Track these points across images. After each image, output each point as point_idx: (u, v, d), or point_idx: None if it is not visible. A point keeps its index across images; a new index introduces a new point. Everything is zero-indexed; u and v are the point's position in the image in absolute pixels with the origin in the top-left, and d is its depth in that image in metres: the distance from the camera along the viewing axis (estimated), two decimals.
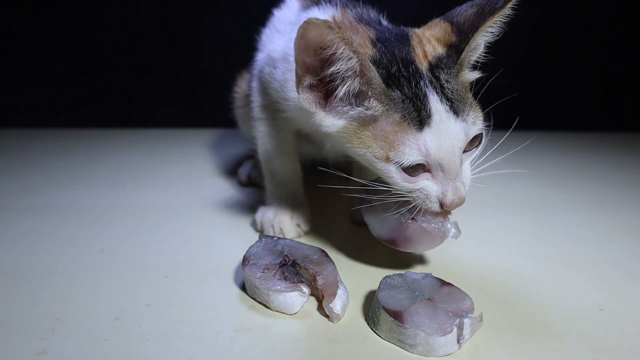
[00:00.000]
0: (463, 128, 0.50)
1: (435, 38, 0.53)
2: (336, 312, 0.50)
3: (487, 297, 0.55)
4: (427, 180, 0.51)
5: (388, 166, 0.51)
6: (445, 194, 0.51)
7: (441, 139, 0.49)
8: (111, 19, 1.55)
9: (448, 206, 0.51)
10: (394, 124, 0.50)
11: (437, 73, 0.51)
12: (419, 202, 0.53)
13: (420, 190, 0.52)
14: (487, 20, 0.50)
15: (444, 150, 0.49)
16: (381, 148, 0.50)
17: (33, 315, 0.50)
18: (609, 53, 1.70)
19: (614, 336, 0.49)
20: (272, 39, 0.73)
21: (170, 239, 0.71)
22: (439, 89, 0.50)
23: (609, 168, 1.25)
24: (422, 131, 0.49)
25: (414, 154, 0.49)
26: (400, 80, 0.50)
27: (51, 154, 1.24)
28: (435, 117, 0.49)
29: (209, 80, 1.60)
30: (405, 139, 0.49)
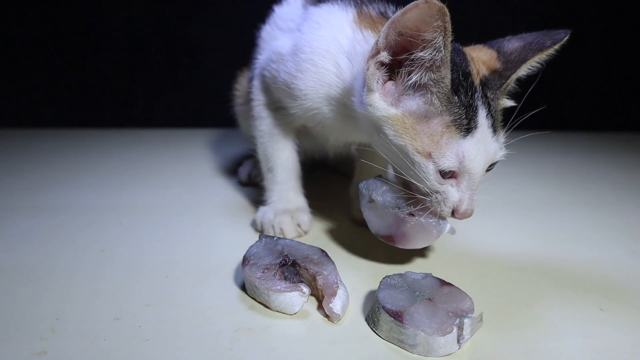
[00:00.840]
0: (495, 147, 0.53)
1: (482, 61, 0.56)
2: (336, 312, 0.50)
3: (487, 297, 0.55)
4: (451, 186, 0.53)
5: (427, 162, 0.52)
6: (461, 202, 0.53)
7: (478, 151, 0.51)
8: (111, 19, 1.55)
9: (460, 214, 0.54)
10: (443, 125, 0.51)
11: (486, 91, 0.54)
12: (434, 204, 0.54)
13: (442, 193, 0.53)
14: (535, 56, 0.55)
15: (476, 162, 0.51)
16: (425, 143, 0.52)
17: (33, 315, 0.50)
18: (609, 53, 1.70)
19: (614, 336, 0.49)
20: (274, 36, 0.73)
21: (170, 239, 0.71)
22: (487, 105, 0.53)
23: (609, 168, 1.25)
24: (465, 139, 0.51)
25: (453, 160, 0.51)
26: (460, 88, 0.52)
27: (51, 154, 1.24)
28: (479, 130, 0.51)
29: (209, 80, 1.60)
30: (449, 143, 0.51)
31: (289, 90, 0.64)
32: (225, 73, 1.01)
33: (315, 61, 0.61)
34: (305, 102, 0.63)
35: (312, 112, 0.64)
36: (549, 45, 0.55)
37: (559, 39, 0.55)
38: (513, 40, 0.58)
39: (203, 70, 1.62)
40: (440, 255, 0.67)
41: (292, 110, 0.66)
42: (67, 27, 1.53)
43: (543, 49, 0.55)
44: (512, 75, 0.55)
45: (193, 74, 1.63)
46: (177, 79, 1.63)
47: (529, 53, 0.55)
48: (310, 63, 0.61)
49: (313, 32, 0.62)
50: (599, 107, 1.76)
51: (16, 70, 1.56)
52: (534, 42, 0.56)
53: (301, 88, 0.62)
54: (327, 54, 0.60)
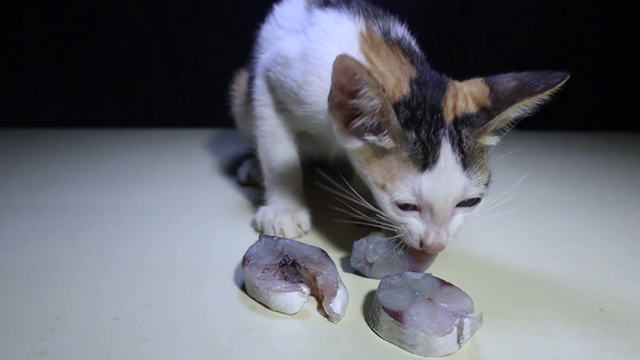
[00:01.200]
0: (464, 182, 0.51)
1: (472, 97, 0.55)
2: (336, 312, 0.50)
3: (487, 297, 0.55)
4: (414, 218, 0.54)
5: (383, 194, 0.53)
6: (427, 235, 0.53)
7: (438, 185, 0.51)
8: (111, 19, 1.55)
9: (427, 247, 0.53)
10: (400, 160, 0.52)
11: (459, 127, 0.52)
12: (402, 235, 0.55)
13: (405, 225, 0.54)
14: (524, 99, 0.52)
15: (437, 195, 0.51)
16: (381, 176, 0.53)
17: (33, 315, 0.50)
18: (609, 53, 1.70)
19: (614, 336, 0.49)
20: (277, 35, 0.73)
21: (170, 239, 0.71)
22: (457, 141, 0.52)
23: (609, 168, 1.25)
24: (422, 173, 0.51)
25: (407, 193, 0.51)
26: (422, 124, 0.52)
27: (51, 154, 1.24)
28: (440, 164, 0.51)
29: (209, 80, 1.60)
30: (405, 177, 0.52)
31: (295, 96, 0.64)
32: (225, 73, 1.01)
33: (322, 75, 0.61)
34: (310, 112, 0.64)
35: (315, 120, 0.64)
36: (540, 90, 0.51)
37: (552, 84, 0.51)
38: (509, 78, 0.55)
39: (203, 70, 1.62)
40: (440, 255, 0.67)
41: (296, 115, 0.67)
42: (67, 27, 1.53)
43: (533, 94, 0.51)
44: (497, 116, 0.52)
45: (193, 74, 1.63)
46: (177, 79, 1.63)
47: (518, 96, 0.52)
48: (317, 76, 0.61)
49: (321, 43, 0.62)
50: (599, 107, 1.75)
51: (16, 70, 1.56)
52: (527, 84, 0.53)
53: (306, 98, 0.63)
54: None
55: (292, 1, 0.74)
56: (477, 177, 0.52)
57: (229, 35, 1.55)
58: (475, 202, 0.55)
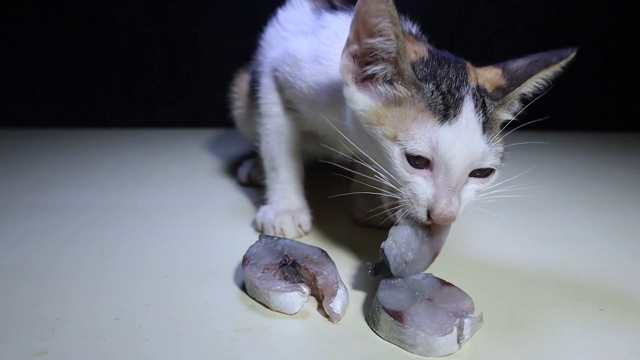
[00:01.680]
0: (484, 147, 0.49)
1: (486, 78, 0.54)
2: (336, 312, 0.50)
3: (487, 297, 0.55)
4: (424, 179, 0.49)
5: (393, 146, 0.49)
6: (437, 200, 0.48)
7: (458, 140, 0.48)
8: (111, 19, 1.55)
9: (436, 216, 0.48)
10: (417, 110, 0.49)
11: (482, 94, 0.52)
12: (405, 203, 0.50)
13: (411, 186, 0.50)
14: (540, 72, 0.53)
15: (455, 151, 0.47)
16: (393, 127, 0.49)
17: (33, 315, 0.50)
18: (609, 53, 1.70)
19: (614, 336, 0.49)
20: (283, 37, 0.73)
21: (170, 239, 0.71)
22: (480, 103, 0.50)
23: (609, 168, 1.25)
24: (441, 125, 0.48)
25: (422, 144, 0.48)
26: (444, 79, 0.50)
27: (51, 154, 1.24)
28: (462, 119, 0.48)
29: (209, 80, 1.60)
30: (422, 126, 0.48)
31: (304, 96, 0.64)
32: (226, 73, 1.01)
33: (332, 76, 0.61)
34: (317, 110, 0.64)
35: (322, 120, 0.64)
36: (555, 61, 0.54)
37: (565, 55, 0.54)
38: (519, 59, 0.57)
39: (203, 70, 1.62)
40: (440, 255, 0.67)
41: (304, 114, 0.67)
42: (67, 27, 1.53)
43: (549, 65, 0.54)
44: (516, 89, 0.53)
45: (193, 74, 1.63)
46: (177, 79, 1.63)
47: (535, 69, 0.54)
48: (327, 76, 0.61)
49: (332, 45, 0.61)
50: (599, 107, 1.76)
51: (16, 70, 1.56)
52: (540, 59, 0.55)
53: (315, 98, 0.63)
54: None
55: (296, 5, 0.74)
56: (495, 147, 0.51)
57: (229, 35, 1.55)
58: (488, 174, 0.52)
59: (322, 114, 0.63)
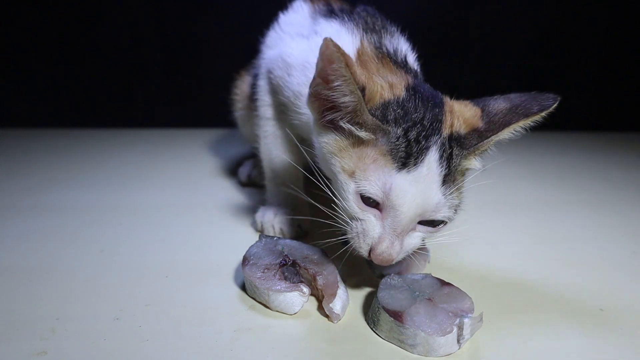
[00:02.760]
0: (438, 199, 0.48)
1: (463, 117, 0.52)
2: (336, 312, 0.50)
3: (487, 297, 0.55)
4: (374, 217, 0.50)
5: (348, 182, 0.50)
6: (380, 241, 0.49)
7: (412, 189, 0.47)
8: (111, 19, 1.55)
9: (375, 255, 0.49)
10: (378, 153, 0.49)
11: (452, 143, 0.50)
12: (353, 236, 0.51)
13: (362, 223, 0.50)
14: (520, 121, 0.50)
15: (406, 199, 0.47)
16: (353, 163, 0.50)
17: (33, 315, 0.50)
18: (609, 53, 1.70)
19: (614, 336, 0.49)
20: (282, 40, 0.73)
21: (170, 239, 0.71)
22: (447, 155, 0.49)
23: (609, 168, 1.25)
24: (399, 172, 0.47)
25: (376, 187, 0.48)
26: (416, 126, 0.49)
27: (51, 154, 1.24)
28: (422, 169, 0.48)
29: (209, 80, 1.60)
30: (379, 170, 0.48)
31: (292, 105, 0.64)
32: (226, 73, 1.01)
33: None
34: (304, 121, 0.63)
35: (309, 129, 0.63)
36: (536, 111, 0.51)
37: (546, 106, 0.51)
38: (500, 100, 0.53)
39: (203, 70, 1.62)
40: (440, 255, 0.67)
41: (293, 121, 0.66)
42: (67, 27, 1.53)
43: (529, 115, 0.50)
44: (493, 136, 0.51)
45: (193, 74, 1.63)
46: (177, 79, 1.63)
47: (514, 117, 0.51)
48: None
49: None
50: (599, 107, 1.76)
51: (16, 70, 1.56)
52: (520, 105, 0.51)
53: (300, 108, 0.62)
54: None
55: (297, 9, 0.74)
56: (452, 200, 0.50)
57: (230, 34, 1.55)
58: (437, 224, 0.51)
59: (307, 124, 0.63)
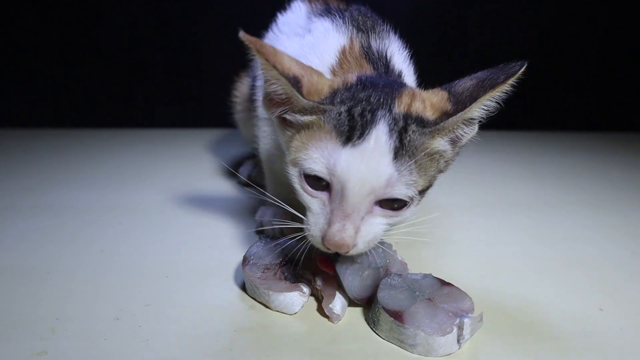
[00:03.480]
0: (389, 174, 0.45)
1: (431, 102, 0.50)
2: (336, 312, 0.50)
3: (487, 297, 0.55)
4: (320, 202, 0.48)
5: (293, 169, 0.49)
6: (330, 225, 0.46)
7: (357, 163, 0.45)
8: (111, 19, 1.55)
9: (327, 240, 0.46)
10: (323, 132, 0.47)
11: (408, 120, 0.47)
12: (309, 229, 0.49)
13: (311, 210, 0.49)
14: (487, 93, 0.47)
15: (352, 174, 0.45)
16: (296, 149, 0.49)
17: (33, 315, 0.50)
18: (609, 53, 1.70)
19: (614, 336, 0.49)
20: (278, 40, 0.73)
21: (170, 239, 0.71)
22: (398, 128, 0.47)
23: (609, 168, 1.25)
24: (343, 147, 0.45)
25: (318, 164, 0.46)
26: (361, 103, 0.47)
27: (51, 154, 1.24)
28: (369, 143, 0.45)
29: (209, 80, 1.60)
30: (322, 146, 0.46)
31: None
32: (226, 73, 1.01)
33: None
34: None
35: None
36: (502, 80, 0.47)
37: (513, 72, 0.47)
38: (466, 79, 0.51)
39: (203, 70, 1.62)
40: (440, 255, 0.67)
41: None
42: (67, 27, 1.53)
43: (495, 85, 0.47)
44: (460, 113, 0.47)
45: (193, 74, 1.63)
46: (178, 79, 1.63)
47: (481, 91, 0.48)
48: None
49: (307, 55, 0.61)
50: (599, 107, 1.76)
51: (16, 70, 1.56)
52: (487, 79, 0.48)
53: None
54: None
55: (295, 10, 0.74)
56: (410, 176, 0.46)
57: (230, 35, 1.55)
58: (400, 207, 0.48)
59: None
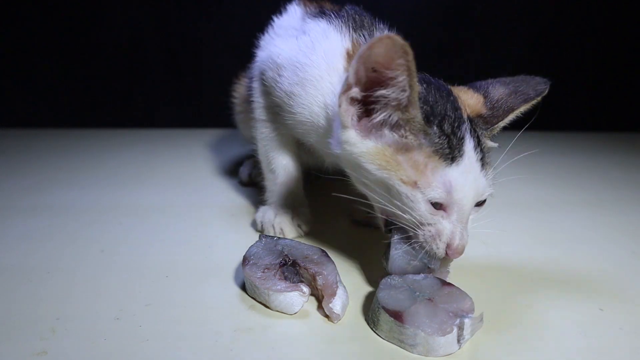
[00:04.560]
0: (484, 182, 0.52)
1: (468, 104, 0.55)
2: (336, 312, 0.50)
3: (487, 297, 0.55)
4: (443, 219, 0.51)
5: (414, 192, 0.50)
6: (453, 236, 0.51)
7: (466, 179, 0.50)
8: (111, 19, 1.55)
9: (453, 250, 0.51)
10: (425, 156, 0.50)
11: (474, 126, 0.53)
12: (427, 240, 0.52)
13: (435, 225, 0.51)
14: (521, 106, 0.57)
15: (465, 191, 0.50)
16: (412, 173, 0.50)
17: (33, 315, 0.50)
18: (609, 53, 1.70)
19: (614, 336, 0.49)
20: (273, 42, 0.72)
21: (171, 239, 0.71)
22: (476, 137, 0.52)
23: (609, 168, 1.25)
24: (450, 167, 0.49)
25: (440, 191, 0.49)
26: (445, 118, 0.50)
27: (51, 154, 1.24)
28: (465, 159, 0.50)
29: (209, 80, 1.60)
30: (435, 172, 0.49)
31: (284, 105, 0.64)
32: (226, 73, 1.01)
33: (307, 88, 0.60)
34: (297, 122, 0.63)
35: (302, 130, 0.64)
36: (533, 96, 0.57)
37: (541, 90, 0.57)
38: (497, 85, 0.58)
39: (203, 70, 1.62)
40: None
41: (287, 122, 0.66)
42: (67, 27, 1.53)
43: (528, 100, 0.57)
44: (500, 122, 0.56)
45: (193, 74, 1.63)
46: (178, 79, 1.63)
47: (516, 103, 0.56)
48: (302, 88, 0.60)
49: (308, 56, 0.60)
50: (599, 107, 1.76)
51: (16, 70, 1.56)
52: (518, 91, 0.57)
53: (294, 109, 0.62)
54: (319, 85, 0.59)
55: (290, 12, 0.73)
56: (490, 177, 0.53)
57: (230, 34, 1.55)
58: (482, 203, 0.54)
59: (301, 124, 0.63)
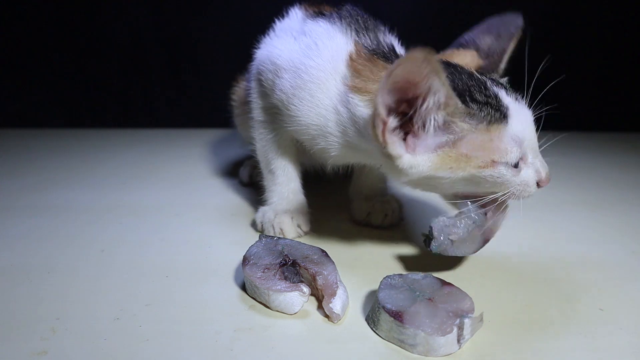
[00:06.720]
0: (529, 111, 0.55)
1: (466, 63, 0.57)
2: (336, 312, 0.50)
3: (487, 297, 0.55)
4: (525, 168, 0.54)
5: (496, 169, 0.51)
6: (539, 173, 0.55)
7: (523, 122, 0.53)
8: (111, 18, 1.55)
9: (544, 181, 0.55)
10: (483, 132, 0.51)
11: (490, 77, 0.55)
12: (518, 193, 0.55)
13: (522, 178, 0.54)
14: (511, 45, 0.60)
15: (529, 132, 0.53)
16: (483, 156, 0.51)
17: (33, 315, 0.50)
18: (609, 53, 1.70)
19: (614, 336, 0.49)
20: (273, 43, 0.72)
21: (170, 239, 0.71)
22: (500, 85, 0.55)
23: (609, 168, 1.25)
24: (507, 124, 0.51)
25: (515, 150, 0.51)
26: (471, 90, 0.51)
27: (51, 154, 1.24)
28: (511, 108, 0.52)
29: (209, 80, 1.60)
30: (501, 138, 0.51)
31: (284, 108, 0.63)
32: (226, 73, 1.01)
33: (313, 91, 0.59)
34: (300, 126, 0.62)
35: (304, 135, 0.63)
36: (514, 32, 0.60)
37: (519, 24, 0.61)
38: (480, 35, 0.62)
39: (204, 70, 1.62)
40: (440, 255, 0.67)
41: (287, 127, 0.65)
42: (67, 26, 1.53)
43: (512, 37, 0.60)
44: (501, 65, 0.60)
45: (193, 74, 1.63)
46: (178, 79, 1.63)
47: (504, 43, 0.60)
48: (308, 92, 0.59)
49: (311, 58, 0.59)
50: (599, 107, 1.76)
51: (16, 70, 1.56)
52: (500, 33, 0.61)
53: (297, 114, 0.61)
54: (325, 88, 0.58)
55: (291, 16, 0.73)
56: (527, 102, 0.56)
57: (230, 35, 1.55)
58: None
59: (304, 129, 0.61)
